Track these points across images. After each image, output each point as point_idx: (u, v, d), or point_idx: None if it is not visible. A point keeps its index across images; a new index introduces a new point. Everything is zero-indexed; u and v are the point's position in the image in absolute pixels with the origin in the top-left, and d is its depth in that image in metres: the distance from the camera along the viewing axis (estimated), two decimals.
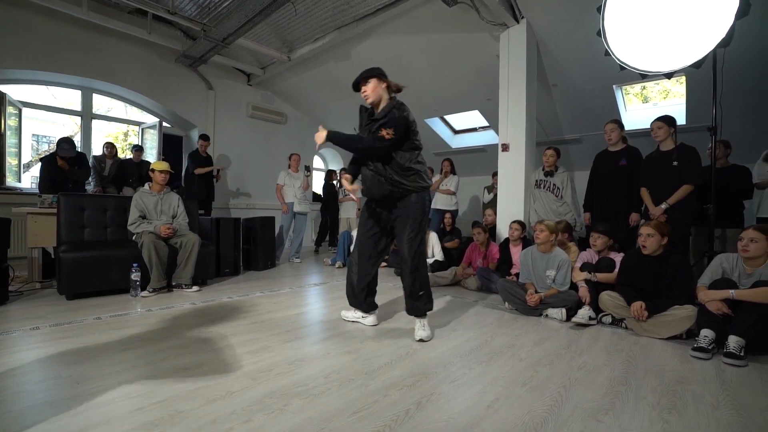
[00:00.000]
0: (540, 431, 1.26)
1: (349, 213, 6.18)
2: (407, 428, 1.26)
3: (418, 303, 2.22)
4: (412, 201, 2.18)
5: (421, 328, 2.20)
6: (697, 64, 2.63)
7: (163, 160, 4.28)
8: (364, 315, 2.46)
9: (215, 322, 2.42)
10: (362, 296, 2.42)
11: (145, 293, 3.07)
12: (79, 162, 4.40)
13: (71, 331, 2.19)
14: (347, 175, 2.41)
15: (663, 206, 3.00)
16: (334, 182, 6.84)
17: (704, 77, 3.04)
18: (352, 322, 2.50)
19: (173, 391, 1.47)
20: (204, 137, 5.45)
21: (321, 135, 2.15)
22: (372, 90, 2.18)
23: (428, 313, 2.26)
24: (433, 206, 5.31)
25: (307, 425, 1.26)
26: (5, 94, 4.40)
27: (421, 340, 2.15)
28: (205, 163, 5.39)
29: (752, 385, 1.68)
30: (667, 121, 3.07)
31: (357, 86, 2.23)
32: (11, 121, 4.51)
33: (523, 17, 3.94)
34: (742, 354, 1.93)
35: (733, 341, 1.98)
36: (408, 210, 2.19)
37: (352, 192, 2.44)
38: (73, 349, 1.89)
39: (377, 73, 2.19)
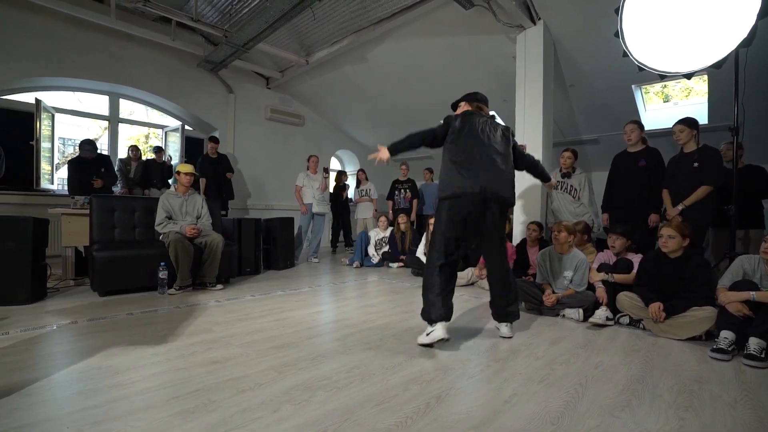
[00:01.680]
0: (556, 425, 1.31)
1: (365, 213, 6.26)
2: (427, 420, 1.32)
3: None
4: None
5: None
6: (718, 65, 2.61)
7: (186, 162, 4.45)
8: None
9: (240, 319, 2.52)
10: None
11: (171, 291, 3.20)
12: (103, 165, 4.62)
13: (106, 325, 2.32)
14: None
15: (679, 207, 2.98)
16: (342, 184, 6.92)
17: (727, 76, 3.01)
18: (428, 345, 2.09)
19: (205, 382, 1.57)
20: (213, 139, 5.56)
21: (383, 153, 2.21)
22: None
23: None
24: None
25: (332, 415, 1.33)
26: (41, 100, 4.62)
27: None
28: (214, 164, 5.46)
29: None
30: (689, 123, 3.04)
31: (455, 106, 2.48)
32: (45, 127, 4.73)
33: (539, 19, 3.95)
34: (763, 356, 1.93)
35: (754, 343, 1.97)
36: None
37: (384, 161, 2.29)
38: (110, 342, 2.01)
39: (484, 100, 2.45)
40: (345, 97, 6.68)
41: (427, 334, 2.05)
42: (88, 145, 4.49)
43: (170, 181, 5.30)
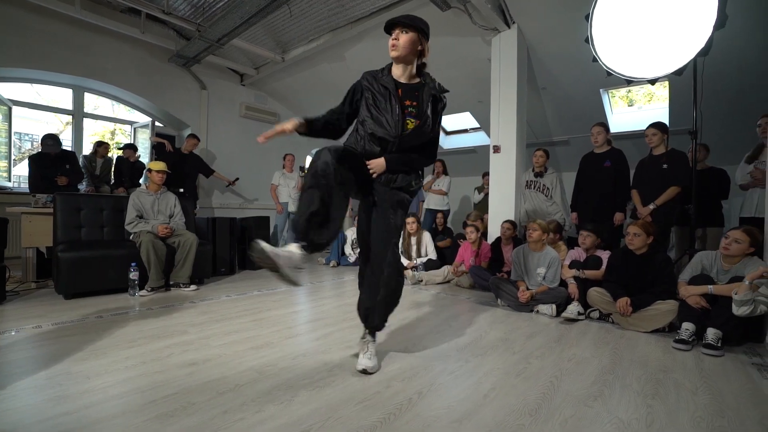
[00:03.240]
0: (534, 416, 1.36)
1: None
2: (410, 416, 1.34)
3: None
4: None
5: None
6: (679, 72, 2.76)
7: (156, 159, 4.30)
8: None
9: (216, 320, 2.47)
10: None
11: (143, 292, 3.09)
12: (68, 161, 4.40)
13: (74, 329, 2.22)
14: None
15: (651, 206, 3.15)
16: None
17: (686, 83, 3.19)
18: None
19: (183, 384, 1.53)
20: (193, 136, 5.38)
21: (380, 163, 1.70)
22: (407, 44, 1.67)
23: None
24: (425, 206, 5.41)
25: (315, 415, 1.33)
26: None
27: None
28: (182, 160, 5.22)
29: (727, 373, 1.80)
30: (661, 127, 3.23)
31: (391, 28, 1.71)
32: (0, 122, 4.46)
33: (514, 23, 4.06)
34: (719, 345, 2.06)
35: (711, 333, 2.11)
36: None
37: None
38: (78, 347, 1.93)
39: (425, 31, 1.72)
40: (321, 96, 6.62)
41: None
42: (50, 139, 4.27)
43: (141, 180, 5.09)
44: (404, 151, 1.73)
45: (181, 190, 5.19)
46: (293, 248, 1.42)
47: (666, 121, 4.66)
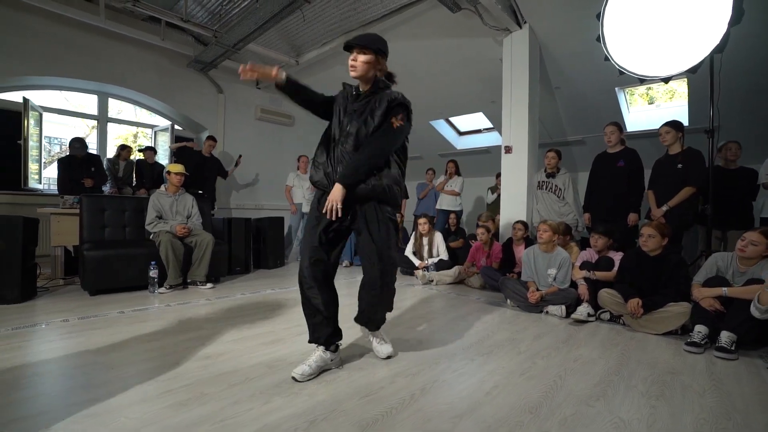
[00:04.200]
0: (534, 414, 1.38)
1: None
2: (411, 411, 1.38)
3: None
4: None
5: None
6: (693, 69, 2.72)
7: (175, 162, 4.45)
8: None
9: (230, 317, 2.56)
10: None
11: (162, 290, 3.22)
12: (93, 164, 4.60)
13: (98, 323, 2.34)
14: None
15: (664, 208, 3.10)
16: None
17: (705, 80, 3.13)
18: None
19: (197, 376, 1.61)
20: (211, 138, 5.48)
21: (335, 192, 1.64)
22: (364, 65, 1.74)
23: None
24: (438, 206, 5.43)
25: (321, 407, 1.39)
26: (29, 99, 4.58)
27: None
28: (202, 162, 5.29)
29: (739, 376, 1.78)
30: (675, 126, 3.16)
31: (349, 49, 1.78)
32: (33, 126, 4.70)
33: (525, 22, 4.04)
34: (733, 348, 2.03)
35: (725, 336, 2.07)
36: None
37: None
38: (102, 339, 2.04)
39: (381, 50, 1.77)
40: None
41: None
42: (77, 143, 4.48)
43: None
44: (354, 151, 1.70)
45: (200, 191, 5.36)
46: (320, 353, 1.70)
47: (685, 119, 4.57)
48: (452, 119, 6.79)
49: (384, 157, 1.72)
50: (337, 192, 1.63)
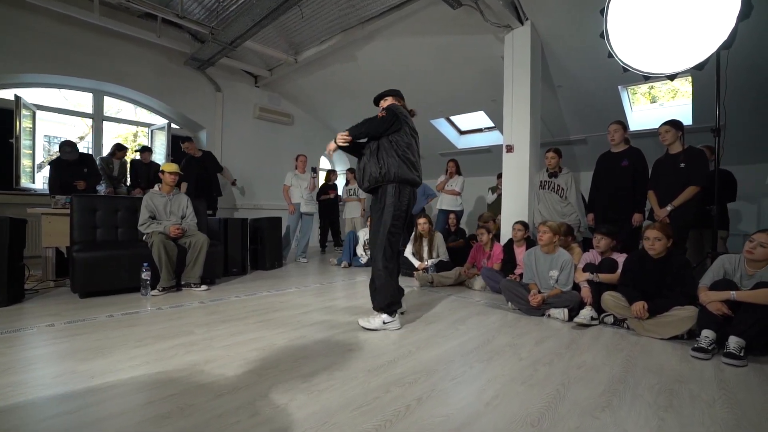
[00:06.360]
0: (536, 426, 1.30)
1: (354, 213, 6.23)
2: (407, 423, 1.31)
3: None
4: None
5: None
6: (700, 66, 2.64)
7: (172, 161, 4.38)
8: (392, 319, 2.40)
9: (223, 321, 2.49)
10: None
11: (155, 292, 3.15)
12: (86, 164, 4.53)
13: (85, 328, 2.27)
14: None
15: (668, 208, 3.02)
16: (332, 183, 6.71)
17: (710, 78, 3.05)
18: (375, 330, 2.36)
19: (183, 386, 1.53)
20: (187, 139, 5.37)
21: (333, 144, 2.45)
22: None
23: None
24: (438, 206, 5.35)
25: (311, 419, 1.31)
26: (20, 97, 4.51)
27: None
28: (200, 163, 5.23)
29: (749, 385, 1.70)
30: (674, 125, 3.09)
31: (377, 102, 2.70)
32: (26, 124, 4.63)
33: (527, 19, 3.97)
34: (741, 354, 1.95)
35: (733, 341, 2.00)
36: None
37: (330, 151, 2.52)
38: (87, 346, 1.97)
39: (389, 95, 2.66)
40: (334, 96, 6.64)
41: (385, 323, 2.37)
42: (68, 147, 4.40)
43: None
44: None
45: (214, 194, 5.34)
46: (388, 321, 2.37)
47: (689, 118, 4.49)
48: (453, 118, 6.71)
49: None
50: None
